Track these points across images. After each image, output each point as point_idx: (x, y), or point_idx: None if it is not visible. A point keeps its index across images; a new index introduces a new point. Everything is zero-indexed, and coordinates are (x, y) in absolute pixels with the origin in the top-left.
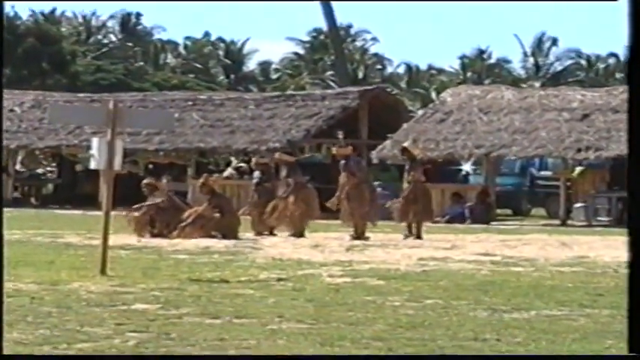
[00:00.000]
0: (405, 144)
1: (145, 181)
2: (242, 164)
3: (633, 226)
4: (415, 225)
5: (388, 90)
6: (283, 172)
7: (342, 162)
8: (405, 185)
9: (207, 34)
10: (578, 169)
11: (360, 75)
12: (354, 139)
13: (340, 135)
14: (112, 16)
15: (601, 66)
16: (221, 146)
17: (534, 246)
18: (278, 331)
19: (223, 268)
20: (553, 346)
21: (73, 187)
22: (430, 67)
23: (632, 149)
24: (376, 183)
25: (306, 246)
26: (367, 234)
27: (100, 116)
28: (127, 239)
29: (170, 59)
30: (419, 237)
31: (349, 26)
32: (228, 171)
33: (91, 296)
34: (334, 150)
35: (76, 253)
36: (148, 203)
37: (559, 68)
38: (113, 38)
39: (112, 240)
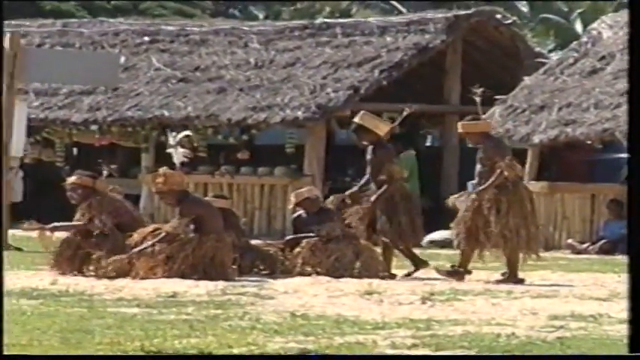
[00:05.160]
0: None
1: (73, 179)
2: (187, 132)
3: (633, 226)
4: (506, 256)
5: (498, 17)
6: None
7: (485, 145)
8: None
9: None
10: None
11: None
12: (438, 104)
13: (478, 93)
14: None
15: None
16: (200, 115)
17: None
18: None
19: (204, 332)
20: None
21: None
22: None
23: (632, 148)
24: (473, 182)
25: (351, 292)
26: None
27: None
28: (34, 278)
29: None
30: (513, 276)
31: None
32: (176, 155)
33: None
34: (461, 125)
35: None
36: (75, 222)
37: None
38: None
39: (10, 280)
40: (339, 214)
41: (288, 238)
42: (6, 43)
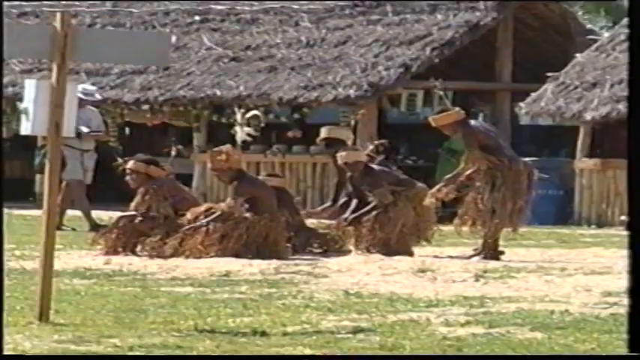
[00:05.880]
0: None
1: (128, 165)
2: (256, 112)
3: (633, 224)
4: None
5: None
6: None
7: (461, 134)
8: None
9: None
10: None
11: None
12: (490, 82)
13: (437, 86)
14: None
15: None
16: (252, 94)
17: None
18: None
19: (257, 311)
20: None
21: None
22: None
23: (631, 145)
24: (528, 159)
25: (405, 270)
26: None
27: (38, 42)
28: (86, 259)
29: None
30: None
31: None
32: (240, 133)
33: None
34: (432, 120)
35: None
36: (134, 212)
37: None
38: None
39: (61, 260)
40: (386, 173)
41: (350, 217)
42: (57, 23)
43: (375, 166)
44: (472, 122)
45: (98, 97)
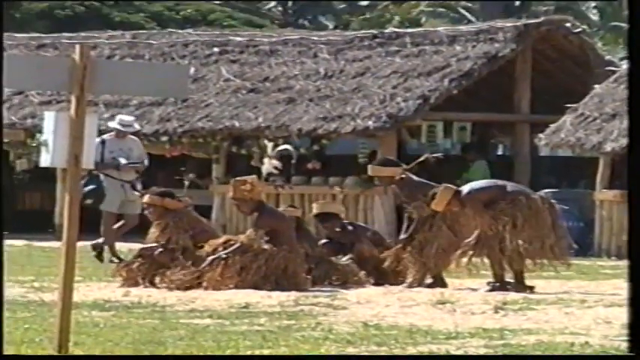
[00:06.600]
0: None
1: (144, 199)
2: (287, 147)
3: (633, 226)
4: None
5: (568, 25)
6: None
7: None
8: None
9: None
10: None
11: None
12: (509, 113)
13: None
14: None
15: None
16: (271, 126)
17: None
18: None
19: (276, 343)
20: None
21: (10, 200)
22: None
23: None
24: (547, 190)
25: (424, 302)
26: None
27: (58, 74)
28: (105, 291)
29: None
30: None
31: None
32: (267, 165)
33: None
34: (434, 205)
35: (14, 316)
36: (154, 244)
37: None
38: None
39: (80, 292)
40: (423, 185)
41: (403, 237)
42: (75, 55)
43: (414, 178)
44: (464, 189)
45: (137, 126)
